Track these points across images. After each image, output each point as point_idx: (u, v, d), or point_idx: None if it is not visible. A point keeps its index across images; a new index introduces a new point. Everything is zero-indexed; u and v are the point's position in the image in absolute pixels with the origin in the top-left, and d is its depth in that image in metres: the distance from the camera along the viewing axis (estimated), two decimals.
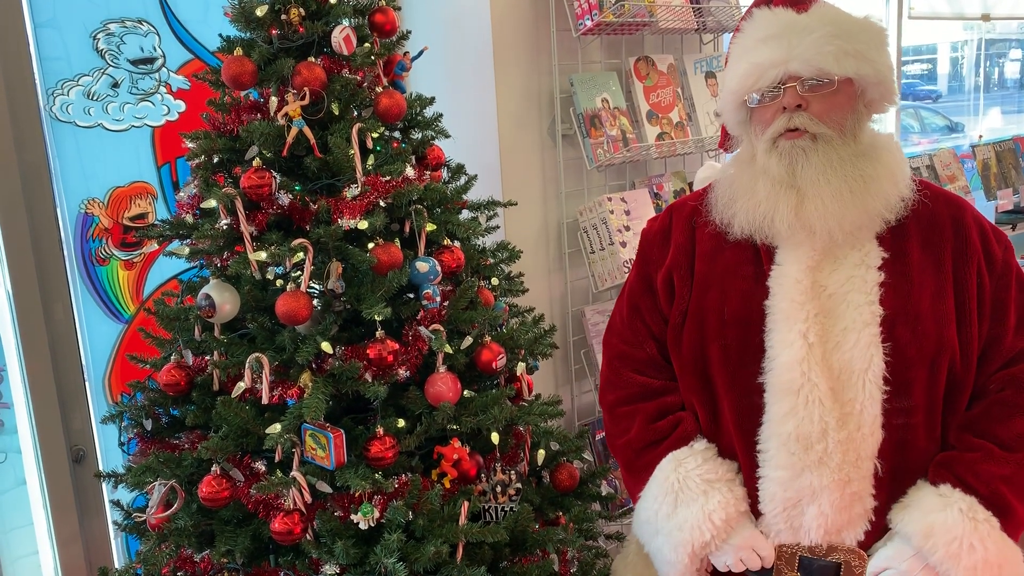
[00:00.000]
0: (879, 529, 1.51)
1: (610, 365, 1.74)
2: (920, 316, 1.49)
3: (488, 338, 1.78)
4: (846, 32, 1.47)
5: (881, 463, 1.48)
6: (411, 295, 1.74)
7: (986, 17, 4.73)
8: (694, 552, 1.54)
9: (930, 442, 1.52)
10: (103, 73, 2.23)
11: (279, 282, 1.61)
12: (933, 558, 1.43)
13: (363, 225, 1.59)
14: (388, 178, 1.66)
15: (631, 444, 1.66)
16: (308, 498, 1.56)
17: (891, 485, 1.50)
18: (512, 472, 1.76)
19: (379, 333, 1.60)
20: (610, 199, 2.64)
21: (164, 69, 2.32)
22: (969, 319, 1.51)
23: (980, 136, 4.48)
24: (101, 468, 2.27)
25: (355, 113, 1.77)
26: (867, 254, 1.51)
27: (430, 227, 1.73)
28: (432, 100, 1.93)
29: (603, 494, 2.02)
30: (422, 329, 1.66)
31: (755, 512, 1.56)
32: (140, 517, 1.77)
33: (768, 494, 1.52)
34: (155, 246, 2.32)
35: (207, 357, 1.71)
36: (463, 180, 1.98)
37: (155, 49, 2.30)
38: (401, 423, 1.63)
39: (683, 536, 1.54)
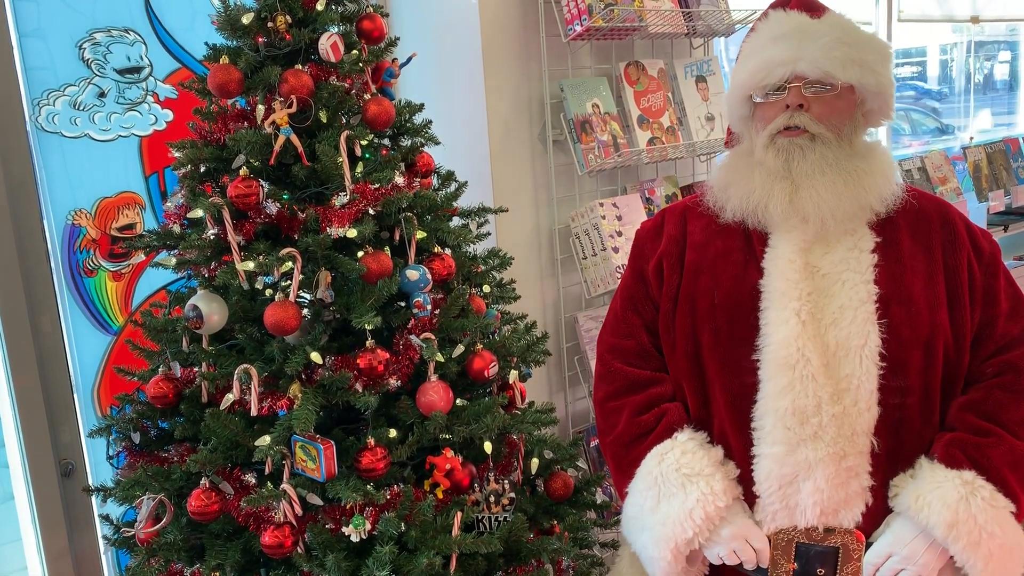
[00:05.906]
0: (877, 512, 1.51)
1: (601, 360, 1.75)
2: (913, 298, 1.53)
3: (480, 346, 1.77)
4: (855, 41, 1.53)
5: (878, 441, 1.49)
6: (402, 303, 1.73)
7: (975, 19, 4.75)
8: (677, 548, 1.53)
9: (926, 427, 1.53)
10: (89, 83, 2.21)
11: (268, 292, 1.60)
12: (955, 547, 1.43)
13: (352, 233, 1.57)
14: (377, 186, 1.65)
15: (619, 439, 1.66)
16: (299, 510, 1.54)
17: (888, 465, 1.51)
18: (506, 481, 1.75)
19: (369, 342, 1.59)
20: (602, 204, 2.63)
21: (151, 78, 2.30)
22: (961, 304, 1.54)
23: (971, 138, 4.49)
24: (90, 482, 2.25)
25: (343, 120, 1.75)
26: (860, 239, 1.56)
27: (420, 235, 1.72)
28: (421, 107, 1.92)
29: (598, 502, 2.01)
30: (413, 338, 1.65)
31: (749, 496, 1.56)
32: (129, 531, 1.75)
33: (763, 472, 1.52)
34: (143, 257, 2.30)
35: (195, 369, 1.70)
36: (453, 187, 1.97)
37: (142, 58, 2.28)
38: (392, 433, 1.62)
39: (665, 531, 1.53)
